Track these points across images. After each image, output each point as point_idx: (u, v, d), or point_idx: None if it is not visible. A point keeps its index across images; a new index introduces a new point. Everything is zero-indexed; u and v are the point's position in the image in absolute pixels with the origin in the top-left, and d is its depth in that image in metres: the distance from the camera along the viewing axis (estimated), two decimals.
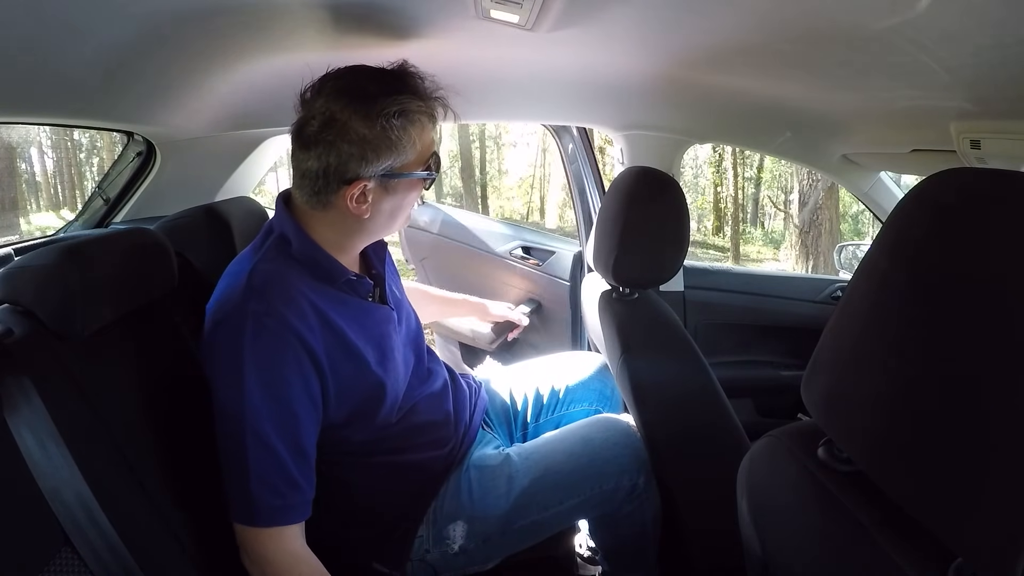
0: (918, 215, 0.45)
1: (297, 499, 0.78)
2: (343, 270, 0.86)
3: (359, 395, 0.85)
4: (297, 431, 0.78)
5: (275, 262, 0.81)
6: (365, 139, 0.78)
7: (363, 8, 0.93)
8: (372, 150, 0.78)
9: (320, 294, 0.82)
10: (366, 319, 0.87)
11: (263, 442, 0.75)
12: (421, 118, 0.81)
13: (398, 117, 0.78)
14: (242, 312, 0.76)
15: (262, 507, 0.75)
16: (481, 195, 12.89)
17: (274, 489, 0.76)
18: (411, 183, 0.84)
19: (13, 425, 0.63)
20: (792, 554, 0.55)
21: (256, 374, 0.75)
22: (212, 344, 0.78)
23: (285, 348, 0.76)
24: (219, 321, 0.78)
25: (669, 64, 1.15)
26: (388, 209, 0.84)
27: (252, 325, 0.75)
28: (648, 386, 1.02)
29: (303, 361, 0.78)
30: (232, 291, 0.79)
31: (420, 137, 0.82)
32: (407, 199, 0.86)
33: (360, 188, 0.80)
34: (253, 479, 0.75)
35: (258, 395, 0.75)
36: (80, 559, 0.64)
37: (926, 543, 0.45)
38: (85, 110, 1.09)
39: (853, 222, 8.68)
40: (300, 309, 0.78)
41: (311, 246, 0.83)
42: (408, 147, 0.81)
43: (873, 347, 0.46)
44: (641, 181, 1.14)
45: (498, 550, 0.95)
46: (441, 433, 0.97)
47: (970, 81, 0.76)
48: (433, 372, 1.03)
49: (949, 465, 0.39)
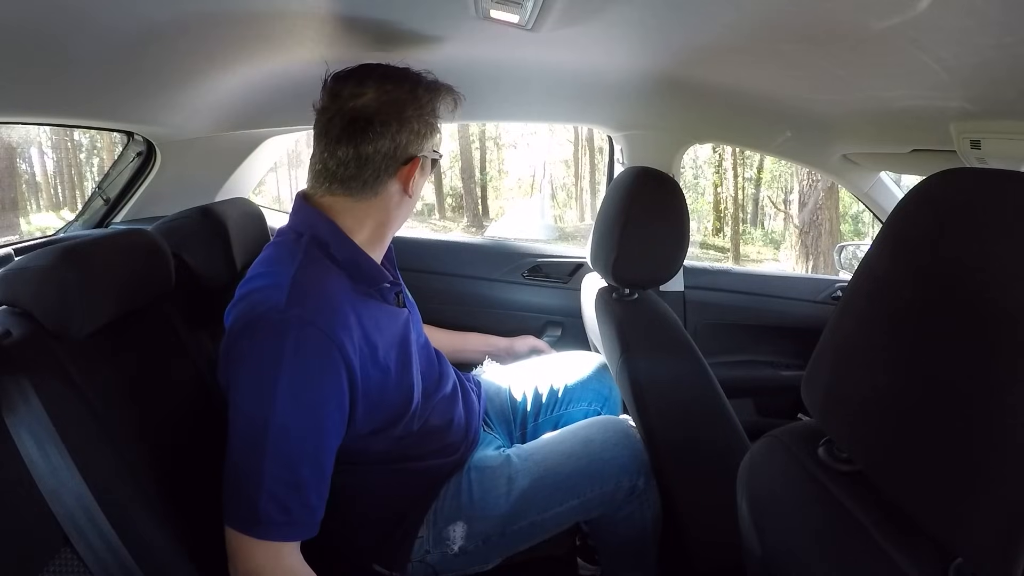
0: (918, 215, 0.45)
1: (305, 517, 0.74)
2: (384, 274, 0.85)
3: (383, 409, 0.83)
4: (321, 450, 0.74)
5: (317, 267, 0.78)
6: (421, 118, 0.83)
7: (363, 8, 0.93)
8: (428, 129, 0.84)
9: (357, 302, 0.79)
10: (390, 325, 0.86)
11: (283, 460, 0.71)
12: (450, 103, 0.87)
13: (442, 99, 0.86)
14: (284, 319, 0.71)
15: (264, 520, 0.71)
16: (481, 195, 12.90)
17: (284, 507, 0.72)
18: (429, 166, 0.88)
19: (12, 426, 0.63)
20: (792, 554, 0.55)
21: (291, 387, 0.70)
22: (242, 348, 0.73)
23: (327, 361, 0.72)
24: (254, 325, 0.73)
25: (669, 64, 1.15)
26: (415, 192, 0.87)
27: (295, 333, 0.71)
28: (648, 386, 1.02)
29: (342, 377, 0.74)
30: (272, 295, 0.74)
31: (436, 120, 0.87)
32: (422, 183, 0.89)
33: (415, 166, 0.84)
34: (264, 495, 0.70)
35: (289, 409, 0.71)
36: (80, 559, 0.64)
37: (926, 543, 0.45)
38: (85, 110, 1.10)
39: (853, 222, 8.68)
40: (345, 320, 0.75)
41: (352, 248, 0.81)
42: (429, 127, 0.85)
43: (873, 347, 0.46)
44: (641, 181, 1.14)
45: (498, 551, 0.95)
46: (453, 437, 0.97)
47: (970, 81, 0.76)
48: (444, 374, 1.02)
49: (949, 465, 0.39)
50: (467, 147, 12.51)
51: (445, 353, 1.32)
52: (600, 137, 9.43)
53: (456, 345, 1.38)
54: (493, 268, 1.63)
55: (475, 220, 12.13)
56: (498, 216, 12.42)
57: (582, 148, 12.45)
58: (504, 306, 1.63)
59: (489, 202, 13.17)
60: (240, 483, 0.72)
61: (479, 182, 12.86)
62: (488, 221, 12.26)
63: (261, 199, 1.66)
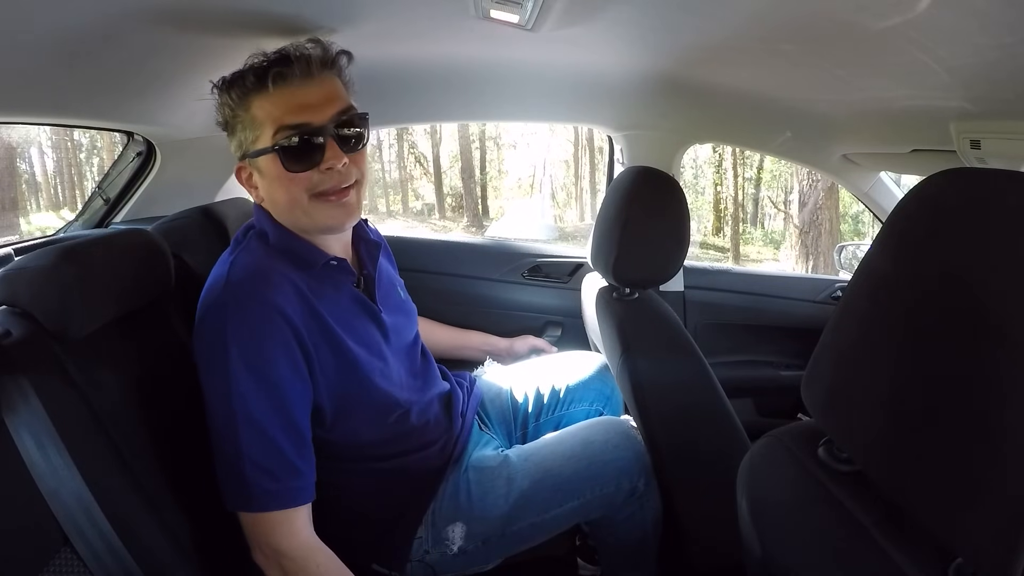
0: (918, 215, 0.45)
1: (295, 483, 0.76)
2: (321, 253, 0.85)
3: (339, 388, 0.84)
4: (289, 411, 0.77)
5: (255, 253, 0.82)
6: (225, 122, 0.83)
7: (363, 8, 0.93)
8: (230, 130, 0.83)
9: (302, 282, 0.82)
10: (350, 314, 0.87)
11: (254, 425, 0.74)
12: (244, 83, 0.79)
13: (228, 90, 0.81)
14: (223, 297, 0.77)
15: (257, 491, 0.74)
16: (481, 195, 12.90)
17: (269, 472, 0.75)
18: (267, 162, 0.81)
19: (12, 426, 0.63)
20: (792, 554, 0.55)
21: (241, 355, 0.74)
22: (199, 337, 0.78)
23: (269, 325, 0.76)
24: (203, 314, 0.78)
25: (669, 64, 1.15)
26: (269, 194, 0.83)
27: (233, 307, 0.76)
28: (648, 386, 1.02)
29: (288, 338, 0.77)
30: (215, 282, 0.79)
31: (258, 109, 0.79)
32: (277, 182, 0.81)
33: (245, 171, 0.84)
34: (247, 463, 0.74)
35: (244, 376, 0.74)
36: (80, 559, 0.64)
37: (926, 543, 0.45)
38: (85, 110, 1.10)
39: (853, 222, 8.67)
40: (282, 288, 0.79)
41: (285, 233, 0.84)
42: (249, 122, 0.80)
43: (873, 347, 0.46)
44: (641, 181, 1.14)
45: (497, 551, 0.95)
46: (436, 435, 0.97)
47: (970, 81, 0.76)
48: (431, 376, 1.02)
49: (949, 465, 0.39)
50: (467, 147, 12.51)
51: (446, 349, 1.32)
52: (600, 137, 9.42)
53: (457, 342, 1.38)
54: (493, 268, 1.63)
55: (475, 220, 12.13)
56: (498, 216, 12.42)
57: (582, 148, 12.44)
58: (504, 306, 1.63)
59: (489, 202, 13.17)
60: (226, 463, 0.75)
61: (479, 182, 12.86)
62: (488, 221, 12.26)
63: None
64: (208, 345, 0.77)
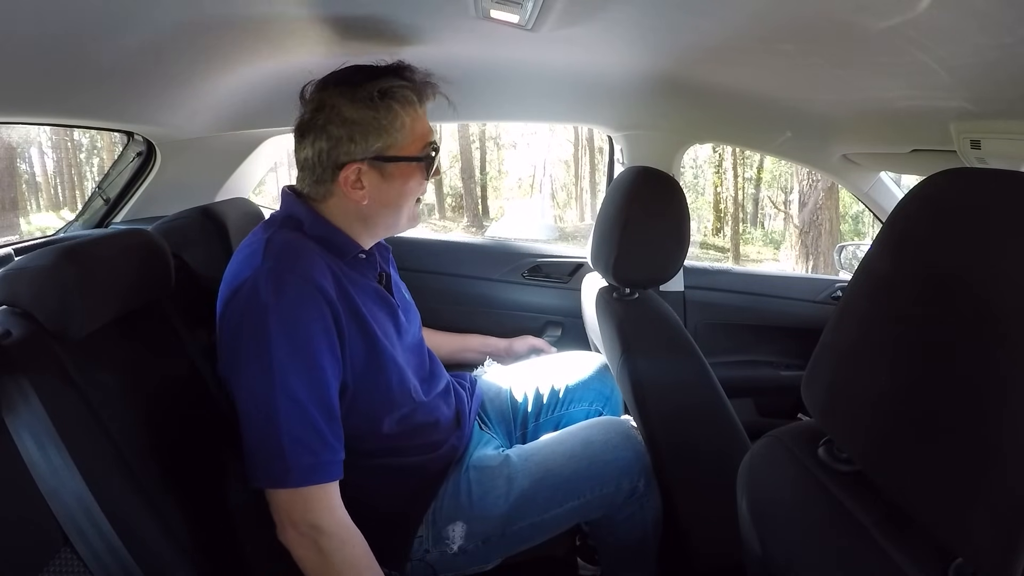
0: (918, 215, 0.45)
1: (329, 456, 0.77)
2: (356, 245, 0.87)
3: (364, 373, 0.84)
4: (326, 388, 0.78)
5: (289, 234, 0.82)
6: (353, 121, 0.81)
7: (363, 9, 0.93)
8: (360, 132, 0.82)
9: (334, 265, 0.83)
10: (374, 304, 0.88)
11: (293, 400, 0.74)
12: (407, 95, 0.83)
13: (382, 97, 0.81)
14: (261, 273, 0.76)
15: (296, 465, 0.74)
16: (481, 195, 12.91)
17: (308, 447, 0.75)
18: (407, 170, 0.85)
19: (12, 426, 0.63)
20: (792, 554, 0.55)
21: (282, 331, 0.74)
22: (231, 313, 0.77)
23: (308, 301, 0.76)
24: (237, 288, 0.77)
25: (669, 64, 1.15)
26: (386, 197, 0.85)
27: (273, 282, 0.75)
28: (648, 386, 1.02)
29: (325, 315, 0.78)
30: (249, 258, 0.79)
31: (411, 121, 0.84)
32: (406, 187, 0.86)
33: (355, 172, 0.83)
34: (286, 438, 0.74)
35: (286, 352, 0.74)
36: (80, 559, 0.64)
37: (926, 543, 0.45)
38: (85, 110, 1.10)
39: (853, 222, 8.68)
40: (321, 268, 0.79)
41: (324, 224, 0.85)
42: (397, 129, 0.83)
43: (873, 347, 0.46)
44: (641, 181, 1.14)
45: (498, 551, 0.95)
46: (441, 436, 0.97)
47: (970, 81, 0.76)
48: (436, 375, 1.03)
49: (949, 465, 0.39)
50: (467, 147, 12.52)
51: (445, 355, 1.32)
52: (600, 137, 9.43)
53: (455, 346, 1.38)
54: (493, 268, 1.63)
55: (475, 220, 12.14)
56: (498, 216, 12.43)
57: (582, 148, 12.46)
58: (504, 306, 1.63)
59: (489, 202, 13.18)
60: (263, 443, 0.75)
61: (479, 182, 12.88)
62: (488, 221, 12.27)
63: (261, 199, 1.65)
64: (245, 320, 0.76)
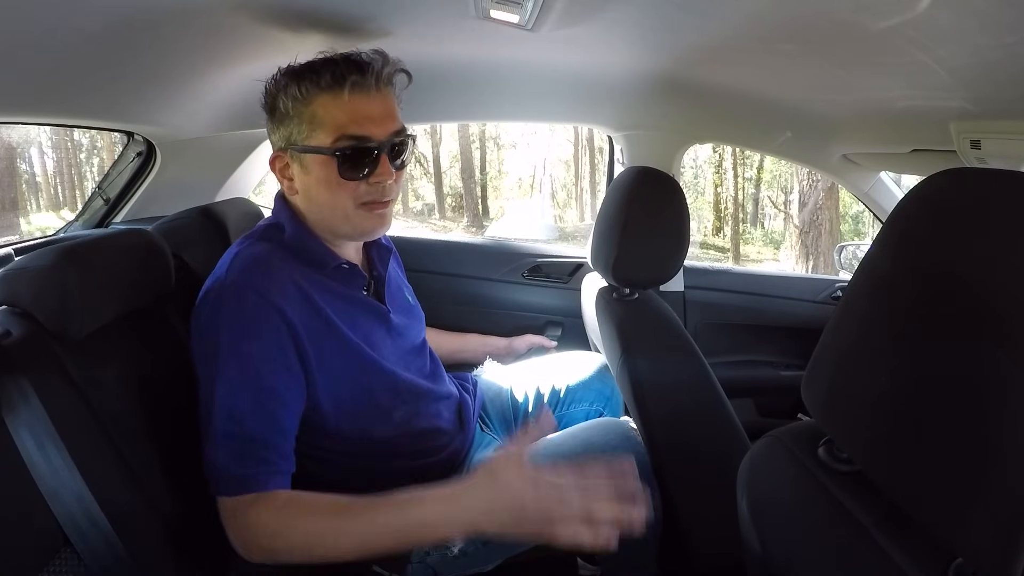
0: (918, 215, 0.45)
1: (262, 470, 0.74)
2: (334, 257, 0.86)
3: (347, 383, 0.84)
4: (269, 405, 0.76)
5: (260, 245, 0.83)
6: (274, 107, 0.83)
7: (363, 8, 0.93)
8: (278, 118, 0.83)
9: (308, 280, 0.83)
10: (357, 314, 0.87)
11: (230, 413, 0.74)
12: (314, 77, 0.79)
13: (292, 80, 0.80)
14: (221, 287, 0.77)
15: (225, 476, 0.73)
16: (481, 195, 12.91)
17: (239, 459, 0.73)
18: (319, 163, 0.81)
19: (12, 426, 0.63)
20: (792, 554, 0.55)
21: (231, 342, 0.75)
22: (194, 325, 0.79)
23: (265, 323, 0.76)
24: (201, 300, 0.79)
25: (669, 64, 1.15)
26: (309, 191, 0.83)
27: (230, 297, 0.76)
28: (648, 386, 1.02)
29: (283, 335, 0.77)
30: (218, 271, 0.81)
31: (321, 109, 0.79)
32: (326, 183, 0.81)
33: (281, 161, 0.85)
34: (220, 450, 0.73)
35: (231, 361, 0.75)
36: (80, 559, 0.64)
37: (926, 543, 0.45)
38: (85, 110, 1.10)
39: (853, 222, 8.68)
40: (280, 283, 0.79)
41: (303, 232, 0.85)
42: (304, 117, 0.80)
43: (873, 347, 0.46)
44: (641, 181, 1.14)
45: (498, 552, 0.95)
46: (444, 439, 0.97)
47: (970, 81, 0.76)
48: (439, 378, 1.03)
49: (949, 465, 0.39)
50: (467, 147, 12.52)
51: (445, 354, 1.31)
52: (600, 137, 9.43)
53: (455, 346, 1.38)
54: (493, 268, 1.63)
55: (475, 220, 12.14)
56: (498, 216, 12.43)
57: (582, 148, 12.45)
58: (504, 306, 1.63)
59: (489, 202, 13.18)
60: (206, 447, 0.75)
61: (479, 182, 12.87)
62: (488, 221, 12.26)
63: (261, 199, 1.65)
64: (202, 331, 0.78)
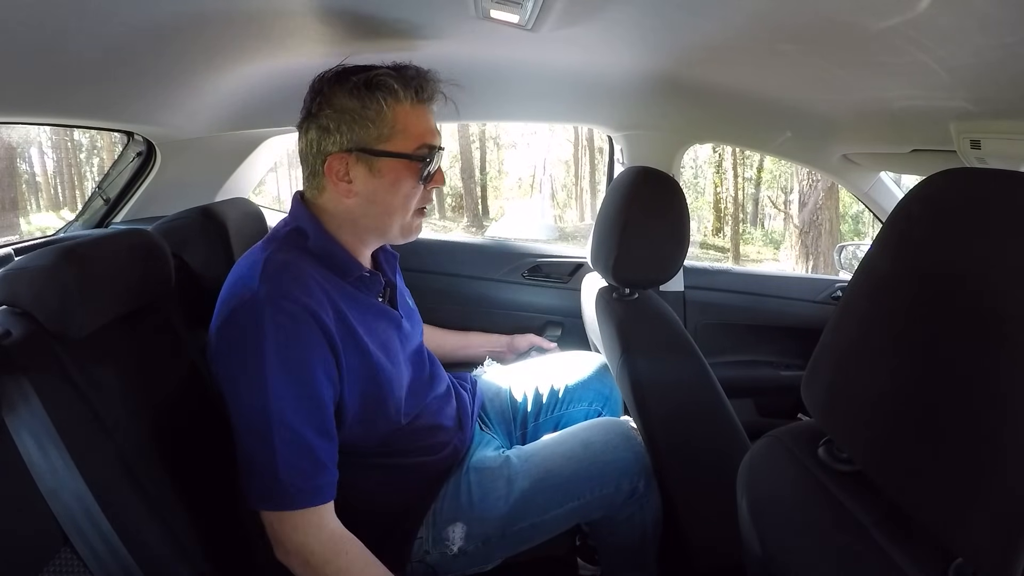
0: (918, 215, 0.45)
1: (322, 479, 0.77)
2: (358, 265, 0.87)
3: (362, 391, 0.84)
4: (322, 414, 0.78)
5: (288, 252, 0.82)
6: (341, 109, 0.81)
7: (363, 8, 0.93)
8: (346, 120, 0.80)
9: (332, 286, 0.83)
10: (374, 320, 0.88)
11: (288, 426, 0.74)
12: (391, 85, 0.80)
13: (368, 87, 0.80)
14: (258, 298, 0.75)
15: (291, 490, 0.75)
16: (481, 195, 12.91)
17: (303, 472, 0.75)
18: (395, 166, 0.82)
19: (12, 426, 0.63)
20: (792, 554, 0.55)
21: (278, 359, 0.74)
22: (227, 335, 0.77)
23: (305, 329, 0.76)
24: (234, 310, 0.77)
25: (669, 64, 1.15)
26: (374, 194, 0.83)
27: (270, 309, 0.75)
28: (648, 386, 1.02)
29: (321, 343, 0.77)
30: (247, 279, 0.78)
31: (400, 115, 0.81)
32: (397, 188, 0.83)
33: (342, 162, 0.82)
34: (282, 466, 0.74)
35: (282, 380, 0.74)
36: (80, 559, 0.64)
37: (926, 543, 0.45)
38: (85, 110, 1.10)
39: (853, 222, 8.67)
40: (315, 295, 0.79)
41: (328, 239, 0.85)
42: (384, 121, 0.81)
43: (873, 347, 0.46)
44: (641, 181, 1.14)
45: (498, 551, 0.95)
46: (443, 438, 0.97)
47: (970, 81, 0.76)
48: (437, 377, 1.03)
49: (949, 465, 0.39)
50: (467, 147, 12.52)
51: (446, 352, 1.32)
52: (600, 137, 9.43)
53: (458, 344, 1.38)
54: (493, 268, 1.63)
55: (475, 220, 12.14)
56: (498, 216, 12.43)
57: (582, 148, 12.46)
58: (504, 306, 1.63)
59: (489, 202, 13.18)
60: (258, 465, 0.75)
61: (479, 182, 12.88)
62: (488, 221, 12.27)
63: (261, 199, 1.65)
64: (241, 345, 0.76)
